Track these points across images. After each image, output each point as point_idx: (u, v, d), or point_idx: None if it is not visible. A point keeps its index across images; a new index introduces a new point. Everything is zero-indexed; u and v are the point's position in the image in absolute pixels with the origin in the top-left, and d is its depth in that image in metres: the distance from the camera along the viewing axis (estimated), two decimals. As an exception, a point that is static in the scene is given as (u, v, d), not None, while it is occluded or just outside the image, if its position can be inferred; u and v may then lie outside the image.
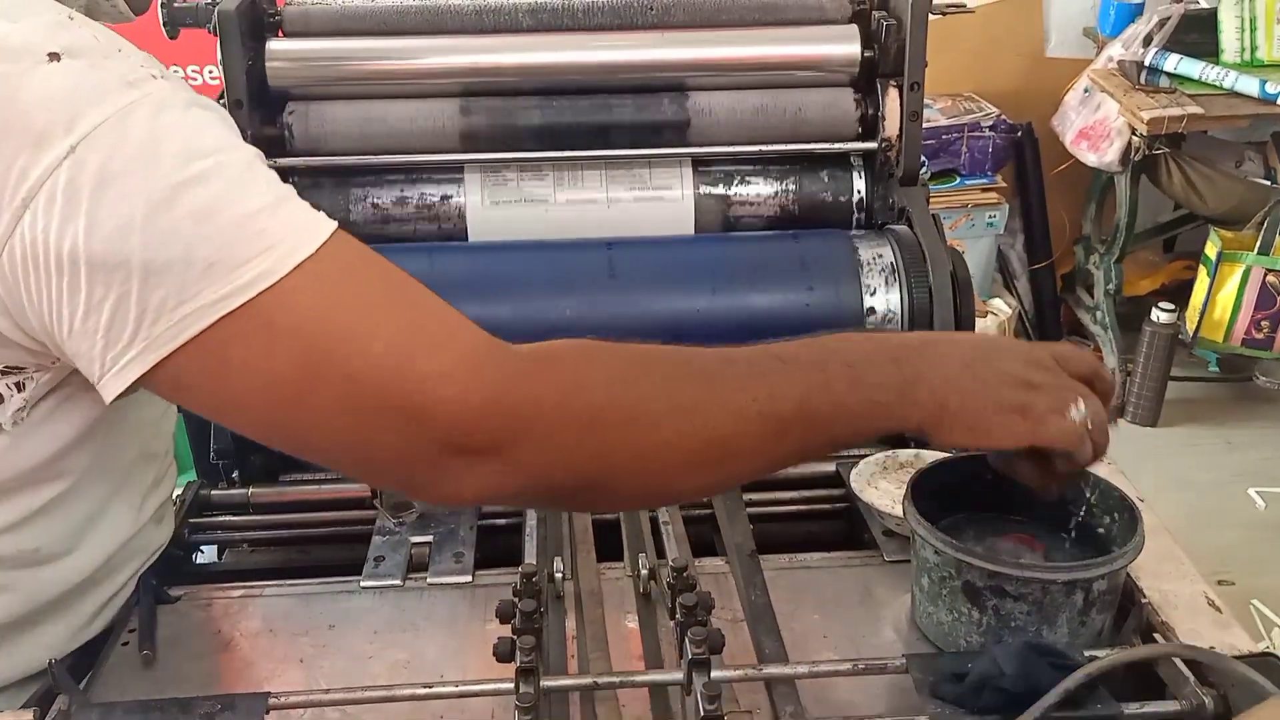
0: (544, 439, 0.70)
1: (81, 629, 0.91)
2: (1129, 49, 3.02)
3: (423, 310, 0.72)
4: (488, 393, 0.69)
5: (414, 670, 0.88)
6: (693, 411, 0.73)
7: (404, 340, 0.69)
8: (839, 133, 1.26)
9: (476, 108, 1.22)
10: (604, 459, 0.72)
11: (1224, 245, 3.01)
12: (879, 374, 0.75)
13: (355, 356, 0.68)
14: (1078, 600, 0.83)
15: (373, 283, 0.71)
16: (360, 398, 0.68)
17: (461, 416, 0.68)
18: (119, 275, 0.66)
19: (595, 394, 0.72)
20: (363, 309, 0.70)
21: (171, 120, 0.68)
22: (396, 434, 0.69)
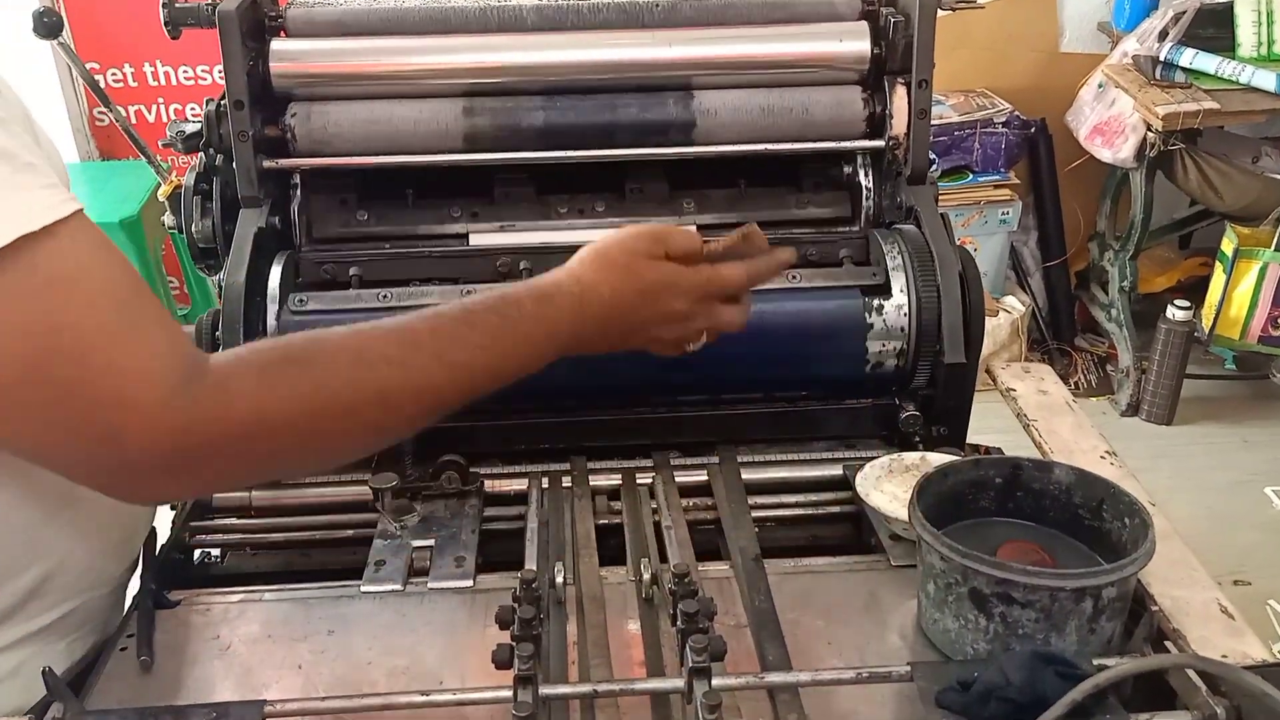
0: (222, 462, 0.75)
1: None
2: (1144, 44, 2.99)
3: (151, 321, 0.73)
4: (178, 430, 0.71)
5: (412, 677, 0.87)
6: (391, 404, 0.80)
7: (136, 344, 0.71)
8: (846, 131, 1.24)
9: (480, 108, 1.21)
10: (273, 467, 0.83)
11: (1240, 242, 2.97)
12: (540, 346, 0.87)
13: (73, 365, 0.69)
14: (1087, 607, 0.81)
15: (119, 278, 0.72)
16: (68, 409, 0.70)
17: (153, 447, 0.71)
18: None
19: (269, 422, 0.76)
20: (67, 318, 0.69)
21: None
22: (94, 447, 0.71)
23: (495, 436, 1.18)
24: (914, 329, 1.14)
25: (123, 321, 0.71)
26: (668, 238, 0.93)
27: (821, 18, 1.27)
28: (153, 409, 0.70)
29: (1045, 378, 1.22)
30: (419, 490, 1.09)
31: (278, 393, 0.76)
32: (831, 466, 1.16)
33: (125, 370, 0.70)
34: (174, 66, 3.06)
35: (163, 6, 1.22)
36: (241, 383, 0.75)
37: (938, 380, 1.17)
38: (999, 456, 0.99)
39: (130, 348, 0.71)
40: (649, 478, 1.13)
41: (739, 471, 1.14)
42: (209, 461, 0.75)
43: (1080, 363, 3.47)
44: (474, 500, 1.09)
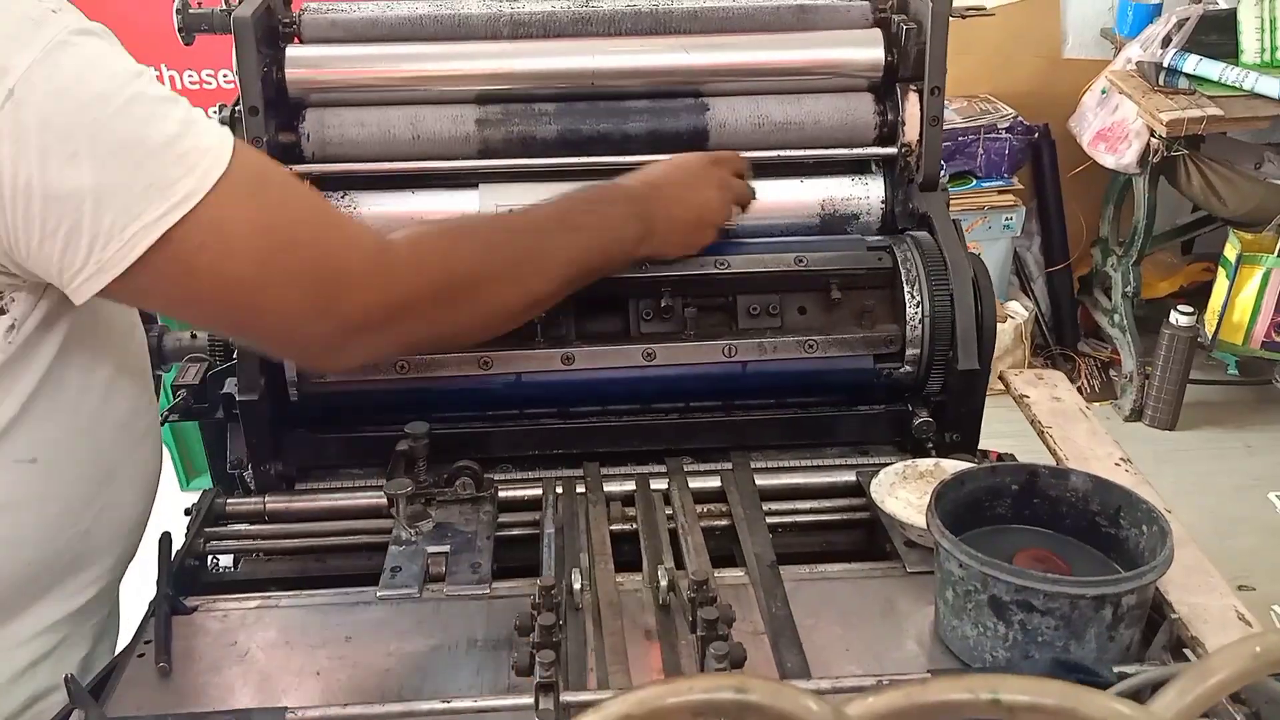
0: (416, 318, 0.92)
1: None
2: (1147, 50, 3.00)
3: (327, 219, 0.90)
4: (383, 289, 0.89)
5: (432, 684, 0.87)
6: (519, 279, 0.99)
7: (322, 244, 0.87)
8: (858, 138, 1.25)
9: (493, 115, 1.21)
10: (459, 323, 0.98)
11: (1244, 247, 2.99)
12: (630, 228, 1.08)
13: (289, 253, 0.84)
14: (1106, 615, 0.81)
15: (282, 188, 0.87)
16: (297, 288, 0.85)
17: (366, 306, 0.88)
18: (70, 204, 0.75)
19: (454, 280, 0.95)
20: (283, 213, 0.85)
21: (87, 55, 0.77)
22: (315, 317, 0.87)
23: (508, 442, 1.19)
24: (927, 336, 1.15)
25: (323, 207, 0.90)
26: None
27: (834, 25, 1.27)
28: (366, 268, 0.88)
29: (1059, 384, 1.22)
30: (433, 496, 1.09)
31: (460, 252, 0.96)
32: (845, 473, 1.16)
33: (341, 242, 0.88)
34: (179, 71, 3.05)
35: (176, 13, 1.22)
36: (431, 242, 0.95)
37: (950, 387, 1.17)
38: (1015, 463, 0.99)
39: (338, 226, 0.90)
40: (662, 483, 1.13)
41: (753, 477, 1.14)
42: (408, 313, 0.91)
43: (1083, 368, 3.47)
44: (488, 506, 1.09)
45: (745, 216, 1.24)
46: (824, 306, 1.17)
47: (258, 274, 0.83)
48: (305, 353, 0.94)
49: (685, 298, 1.15)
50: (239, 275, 0.82)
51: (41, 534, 0.88)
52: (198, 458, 2.70)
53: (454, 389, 1.14)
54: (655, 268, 1.13)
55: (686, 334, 1.15)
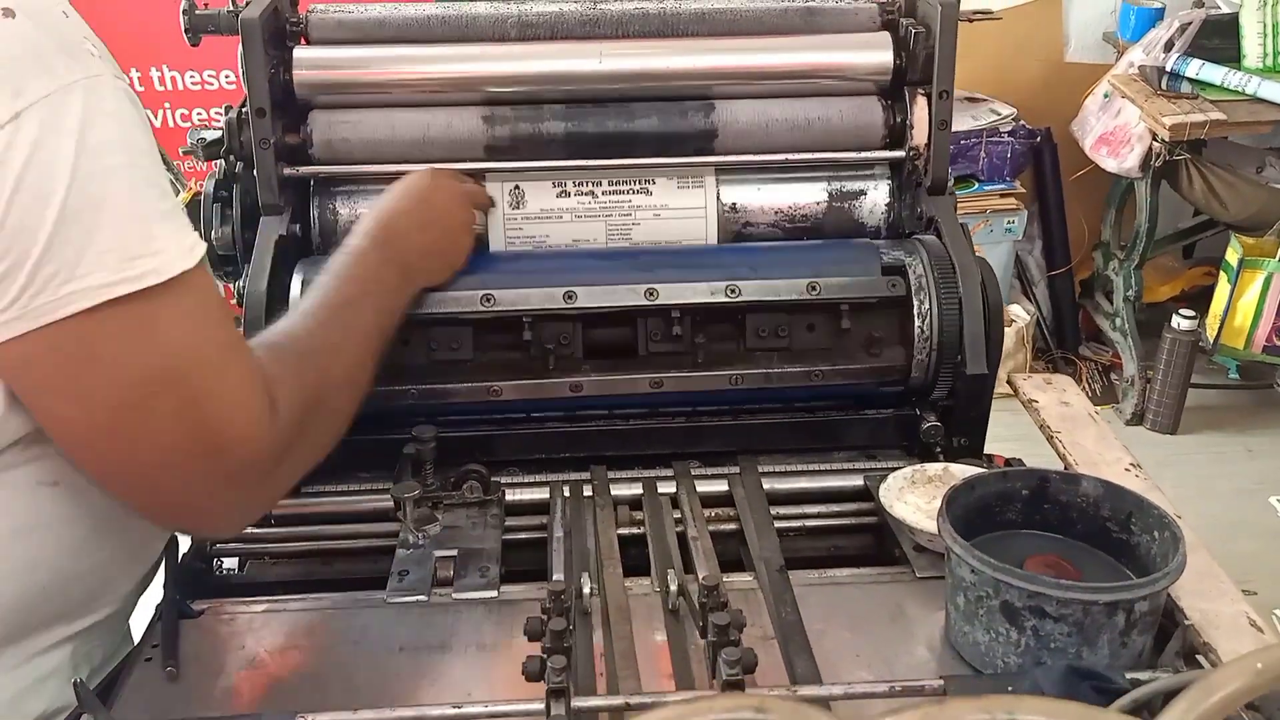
0: (292, 465, 0.89)
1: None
2: (1150, 54, 3.00)
3: (248, 358, 0.84)
4: (273, 438, 0.83)
5: (442, 688, 0.86)
6: (348, 385, 0.97)
7: (241, 379, 0.81)
8: (866, 141, 1.25)
9: (500, 117, 1.21)
10: (320, 446, 0.94)
11: (1245, 252, 2.98)
12: (389, 272, 1.05)
13: (206, 382, 0.79)
14: (1119, 621, 0.81)
15: (224, 318, 0.83)
16: (196, 417, 0.79)
17: (255, 456, 0.82)
18: (22, 242, 0.71)
19: (316, 436, 0.92)
20: (220, 341, 0.81)
21: (101, 109, 0.74)
22: (205, 460, 0.80)
23: (515, 445, 1.18)
24: (935, 340, 1.14)
25: (229, 351, 0.82)
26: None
27: (842, 27, 1.27)
28: (252, 425, 0.81)
29: (1067, 389, 1.22)
30: (440, 500, 1.08)
31: (305, 378, 0.90)
32: (852, 477, 1.15)
33: (232, 393, 0.81)
34: (181, 71, 3.05)
35: (183, 14, 1.22)
36: (287, 388, 0.87)
37: (958, 391, 1.17)
38: (1026, 468, 0.99)
39: (236, 374, 0.82)
40: (669, 487, 1.13)
41: (760, 481, 1.13)
42: (290, 461, 0.88)
43: (1084, 372, 3.47)
44: (495, 509, 1.08)
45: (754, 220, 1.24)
46: (833, 327, 1.16)
47: (152, 392, 0.77)
48: (177, 503, 0.84)
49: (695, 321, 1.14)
50: (138, 380, 0.76)
51: (61, 558, 0.86)
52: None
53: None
54: (665, 296, 1.11)
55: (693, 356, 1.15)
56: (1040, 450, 1.20)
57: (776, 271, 1.14)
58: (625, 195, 1.23)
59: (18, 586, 0.86)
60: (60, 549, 0.87)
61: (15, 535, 0.84)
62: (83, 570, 0.90)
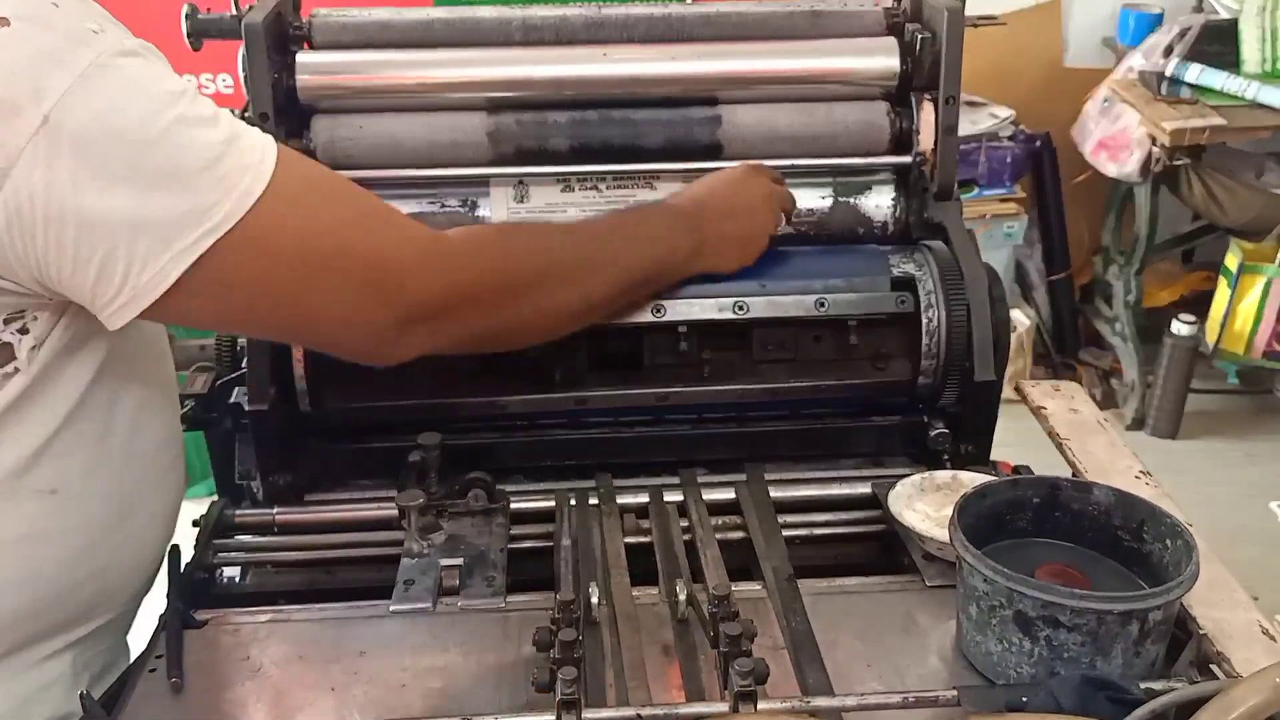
0: (475, 308, 0.93)
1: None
2: (1150, 59, 3.00)
3: (377, 215, 0.89)
4: (439, 276, 0.90)
5: (449, 699, 0.85)
6: (574, 282, 1.00)
7: (373, 241, 0.86)
8: (873, 147, 1.24)
9: (505, 122, 1.20)
10: (514, 319, 0.97)
11: (1245, 257, 2.99)
12: (683, 243, 1.08)
13: (339, 256, 0.84)
14: (1133, 631, 0.80)
15: (329, 192, 0.86)
16: (349, 287, 0.85)
17: (422, 294, 0.88)
18: (104, 233, 0.74)
19: (512, 273, 0.95)
20: (330, 217, 0.84)
21: (126, 79, 0.75)
22: (372, 310, 0.87)
23: (520, 453, 1.17)
24: (943, 347, 1.14)
25: (371, 206, 0.89)
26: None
27: (848, 30, 1.26)
28: (419, 259, 0.88)
29: (1075, 396, 1.21)
30: (445, 508, 1.07)
31: (515, 247, 0.97)
32: (859, 484, 1.14)
33: (392, 237, 0.88)
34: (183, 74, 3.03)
35: (185, 18, 1.21)
36: (487, 237, 0.97)
37: (966, 398, 1.16)
38: (1037, 476, 0.98)
39: (388, 222, 0.89)
40: (675, 495, 1.12)
41: (767, 489, 1.13)
42: (464, 303, 0.92)
43: (1084, 377, 3.47)
44: (500, 518, 1.08)
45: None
46: (840, 340, 1.16)
47: (303, 281, 0.83)
48: (361, 350, 0.93)
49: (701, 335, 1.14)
50: (283, 286, 0.82)
51: (60, 568, 0.86)
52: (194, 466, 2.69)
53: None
54: (672, 312, 1.11)
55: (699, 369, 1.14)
56: (1042, 456, 1.19)
57: (784, 287, 1.14)
58: (630, 191, 1.22)
59: (20, 596, 0.85)
60: (61, 557, 0.87)
61: (17, 544, 0.84)
62: (83, 578, 0.89)
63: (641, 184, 1.23)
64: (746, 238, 1.13)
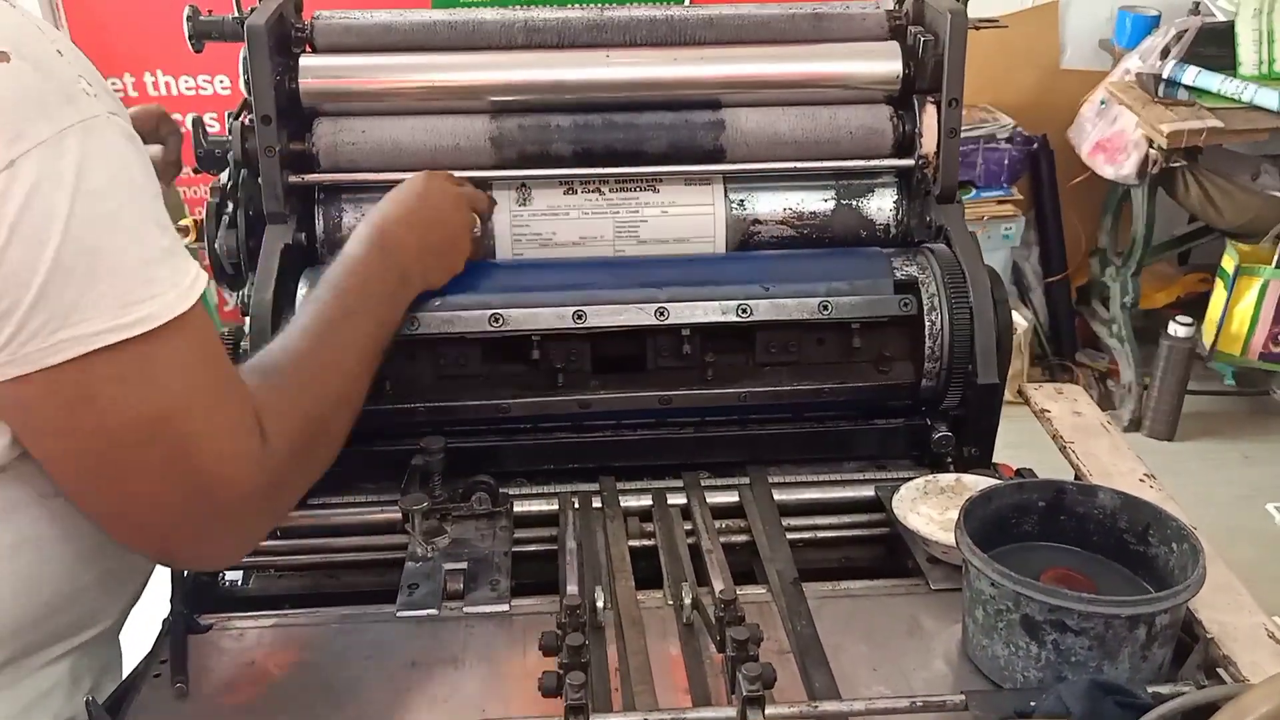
0: (286, 493, 0.90)
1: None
2: (1147, 61, 3.01)
3: (240, 395, 0.83)
4: (264, 474, 0.83)
5: (455, 705, 0.85)
6: (346, 403, 0.97)
7: (232, 421, 0.81)
8: (875, 150, 1.24)
9: (507, 125, 1.20)
10: (315, 470, 0.93)
11: (1241, 259, 2.99)
12: (387, 278, 1.04)
13: (196, 425, 0.78)
14: (1140, 635, 0.80)
15: (217, 356, 0.82)
16: (188, 462, 0.78)
17: (247, 494, 0.82)
18: (16, 288, 0.70)
19: (313, 457, 0.92)
20: (212, 382, 0.80)
21: (97, 151, 0.73)
22: (196, 501, 0.80)
23: (523, 456, 1.17)
24: (947, 350, 1.14)
25: (220, 393, 0.81)
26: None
27: (850, 32, 1.26)
28: (243, 465, 0.81)
29: (1078, 398, 1.21)
30: (449, 511, 1.07)
31: (303, 404, 0.90)
32: (863, 487, 1.14)
33: (223, 436, 0.80)
34: (175, 76, 3.02)
35: (187, 20, 1.20)
36: (281, 417, 0.86)
37: (969, 401, 1.16)
38: (1043, 480, 0.98)
39: (226, 416, 0.81)
40: (679, 498, 1.12)
41: (770, 492, 1.13)
42: (285, 490, 0.88)
43: (1081, 379, 3.47)
44: (504, 521, 1.07)
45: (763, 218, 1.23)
46: (843, 343, 1.15)
47: (143, 437, 0.76)
48: (168, 534, 0.84)
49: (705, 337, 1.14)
50: (130, 424, 0.76)
51: (63, 572, 0.85)
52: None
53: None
54: (676, 315, 1.10)
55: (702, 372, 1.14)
56: (1041, 458, 1.19)
57: (788, 289, 1.13)
58: (633, 193, 1.22)
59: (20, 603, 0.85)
60: (60, 563, 0.86)
61: (17, 551, 0.83)
62: (83, 584, 0.89)
63: (644, 187, 1.22)
64: (445, 245, 1.11)
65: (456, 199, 1.14)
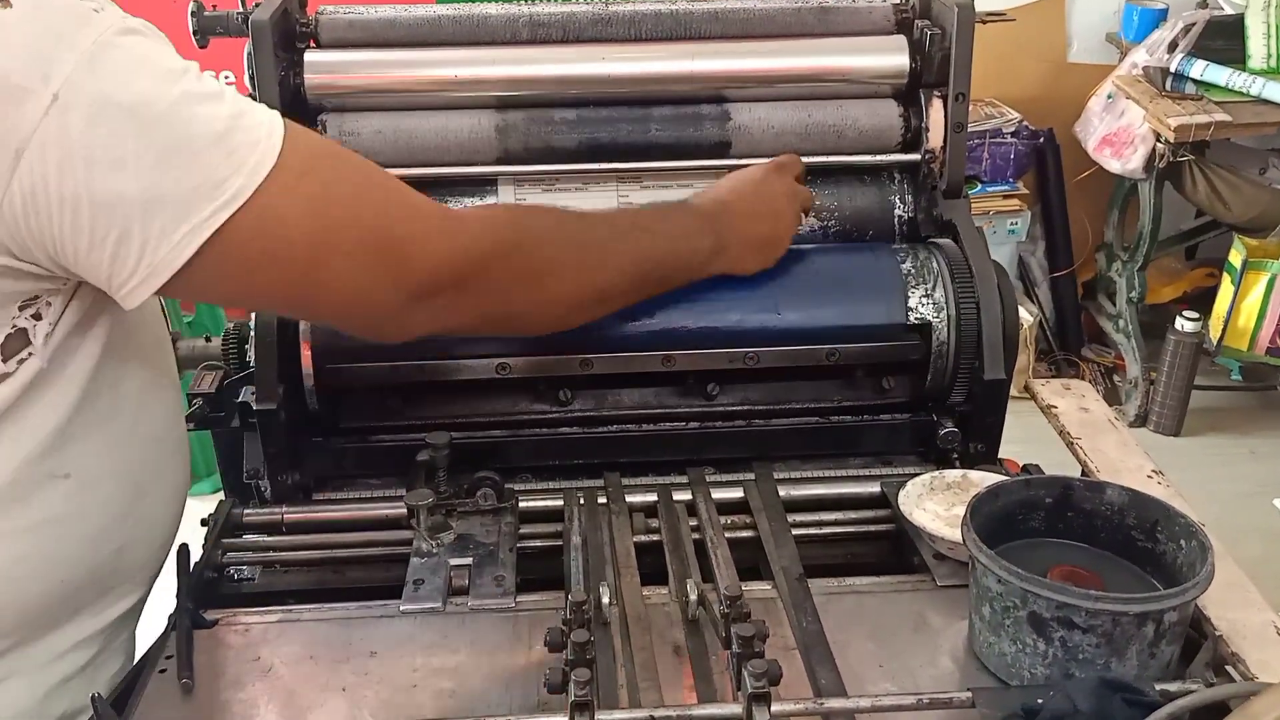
0: (486, 285, 0.92)
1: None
2: (1154, 55, 2.99)
3: (388, 187, 0.88)
4: (451, 250, 0.89)
5: (460, 700, 0.85)
6: (589, 268, 0.99)
7: (383, 213, 0.86)
8: (882, 145, 1.23)
9: (513, 120, 1.20)
10: (525, 303, 0.97)
11: (1249, 253, 2.98)
12: (704, 241, 1.07)
13: (349, 228, 0.84)
14: (1148, 632, 0.80)
15: (338, 166, 0.85)
16: (359, 260, 0.84)
17: (432, 268, 0.88)
18: (119, 211, 0.74)
19: (524, 253, 0.94)
20: (340, 191, 0.84)
21: (130, 56, 0.75)
22: (382, 283, 0.86)
23: (528, 451, 1.17)
24: (953, 345, 1.13)
25: (382, 180, 0.88)
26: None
27: (856, 26, 1.25)
28: (431, 232, 0.88)
29: (1086, 394, 1.21)
30: (454, 507, 1.07)
31: (529, 227, 0.96)
32: (868, 483, 1.14)
33: (402, 211, 0.87)
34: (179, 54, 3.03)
35: (191, 15, 1.20)
36: (501, 214, 0.98)
37: (975, 396, 1.16)
38: (1050, 476, 0.97)
39: (399, 196, 0.88)
40: (683, 494, 1.12)
41: (776, 488, 1.12)
42: (475, 280, 0.91)
43: (1087, 373, 3.46)
44: (509, 517, 1.07)
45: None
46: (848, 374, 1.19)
47: (315, 255, 0.82)
48: (371, 324, 0.92)
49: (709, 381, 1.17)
50: (295, 259, 0.81)
51: (78, 551, 0.86)
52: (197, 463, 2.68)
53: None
54: (682, 363, 1.13)
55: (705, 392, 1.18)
56: (1046, 453, 1.19)
57: (796, 328, 1.13)
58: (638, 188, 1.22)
59: (40, 582, 0.85)
60: (78, 542, 0.87)
61: (37, 530, 0.84)
62: (101, 560, 0.90)
63: (649, 182, 1.22)
64: (768, 240, 1.12)
65: (792, 196, 1.14)
